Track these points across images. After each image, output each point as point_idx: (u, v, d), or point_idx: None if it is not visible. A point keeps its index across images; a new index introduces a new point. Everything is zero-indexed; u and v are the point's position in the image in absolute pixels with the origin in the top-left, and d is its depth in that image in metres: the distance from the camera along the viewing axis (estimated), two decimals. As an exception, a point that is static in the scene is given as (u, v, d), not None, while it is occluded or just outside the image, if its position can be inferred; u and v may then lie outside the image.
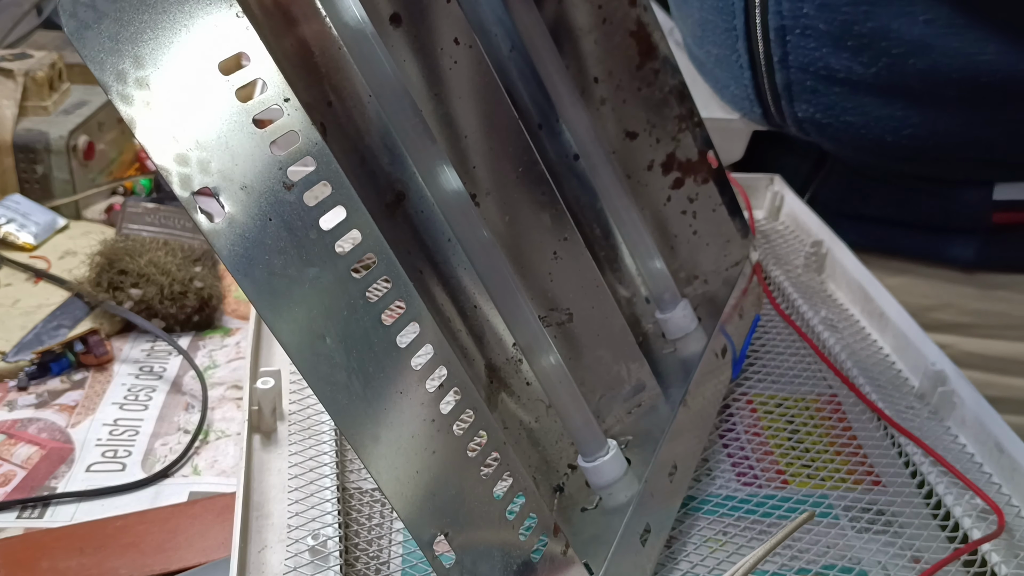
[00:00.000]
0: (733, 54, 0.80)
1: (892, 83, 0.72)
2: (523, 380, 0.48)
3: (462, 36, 0.45)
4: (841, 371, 0.62)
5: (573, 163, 0.56)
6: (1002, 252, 0.77)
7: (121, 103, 0.30)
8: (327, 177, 0.34)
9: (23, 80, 0.91)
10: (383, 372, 0.34)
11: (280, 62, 0.33)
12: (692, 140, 0.63)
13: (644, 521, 0.47)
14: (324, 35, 0.40)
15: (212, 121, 0.31)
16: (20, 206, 0.88)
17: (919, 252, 0.79)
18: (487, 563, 0.37)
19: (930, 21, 0.68)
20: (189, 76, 0.31)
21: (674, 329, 0.58)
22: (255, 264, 0.31)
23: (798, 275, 0.74)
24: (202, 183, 0.31)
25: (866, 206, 0.81)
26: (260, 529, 0.48)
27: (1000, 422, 0.55)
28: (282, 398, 0.56)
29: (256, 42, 0.32)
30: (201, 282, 0.78)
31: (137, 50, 0.30)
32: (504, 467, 0.38)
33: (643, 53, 0.60)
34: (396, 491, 0.34)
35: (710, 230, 0.64)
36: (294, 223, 0.32)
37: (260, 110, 0.32)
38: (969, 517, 0.50)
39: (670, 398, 0.52)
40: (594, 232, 0.58)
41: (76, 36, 0.29)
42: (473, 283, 0.45)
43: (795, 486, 0.55)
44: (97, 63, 0.29)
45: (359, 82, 0.41)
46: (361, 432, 0.33)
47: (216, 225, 0.31)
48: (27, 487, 0.62)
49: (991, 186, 0.75)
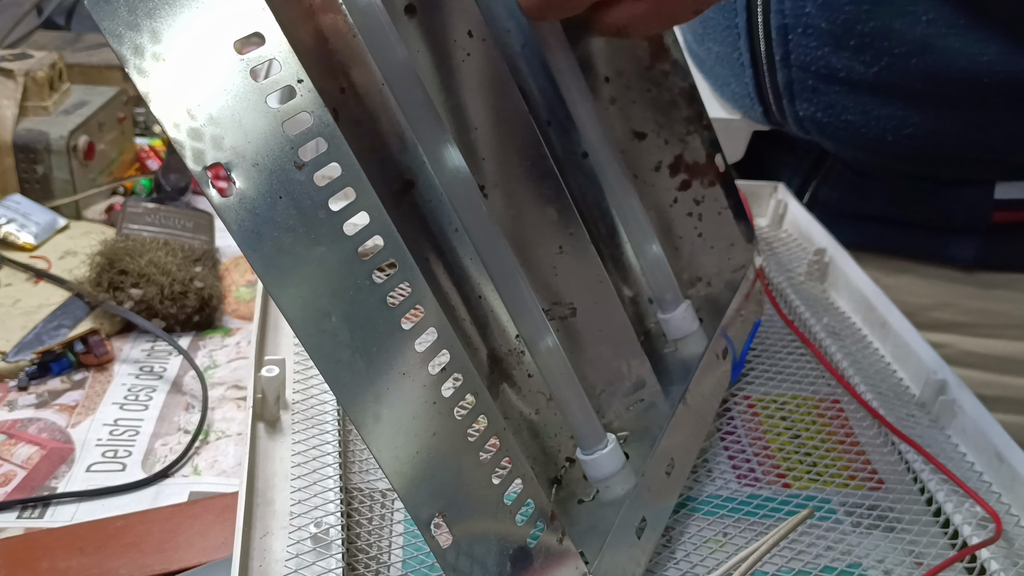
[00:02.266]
0: (734, 52, 0.80)
1: (893, 83, 0.72)
2: (525, 372, 0.48)
3: (476, 29, 0.45)
4: (843, 377, 0.62)
5: (581, 160, 0.56)
6: (1002, 251, 0.77)
7: (137, 76, 0.30)
8: (338, 159, 0.34)
9: (23, 80, 0.91)
10: (386, 352, 0.34)
11: (295, 47, 0.33)
12: (700, 143, 0.63)
13: (640, 514, 0.47)
14: (339, 22, 0.40)
15: (226, 98, 0.32)
16: (20, 206, 0.88)
17: (919, 251, 0.79)
18: (483, 546, 0.37)
19: (932, 21, 0.69)
20: (205, 52, 0.31)
21: (675, 330, 0.58)
22: (264, 240, 0.32)
23: (801, 283, 0.74)
24: (215, 158, 0.31)
25: (866, 205, 0.81)
26: (263, 516, 0.48)
27: (1000, 431, 0.55)
28: (286, 387, 0.56)
29: (272, 22, 0.33)
30: (201, 282, 0.78)
31: (154, 24, 0.30)
32: (503, 453, 0.39)
33: (654, 54, 0.61)
34: (396, 470, 0.34)
35: (715, 233, 0.65)
36: (303, 202, 0.33)
37: (274, 90, 0.33)
38: (969, 525, 0.50)
39: (670, 396, 0.53)
40: (599, 230, 0.58)
41: (95, 7, 0.29)
42: (478, 273, 0.45)
43: (796, 487, 0.55)
44: (115, 35, 0.30)
45: (372, 70, 0.41)
46: (363, 410, 0.34)
47: (227, 200, 0.31)
48: (27, 487, 0.62)
49: (991, 185, 0.75)
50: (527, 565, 0.39)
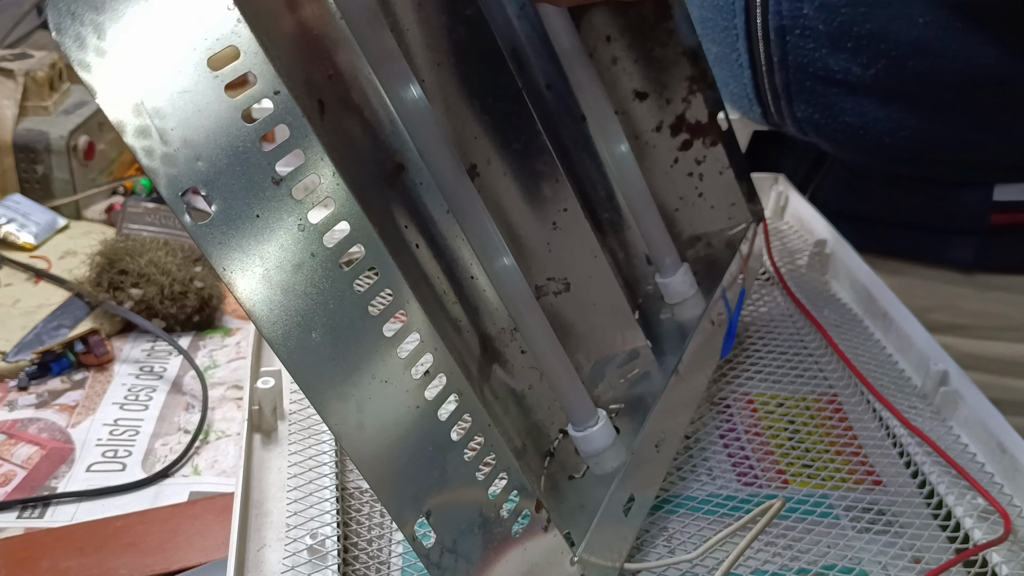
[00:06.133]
0: (733, 53, 0.80)
1: (890, 85, 0.72)
2: (518, 348, 0.48)
3: (465, 4, 0.45)
4: (843, 356, 0.62)
5: (580, 124, 0.56)
6: (1001, 253, 0.76)
7: (100, 99, 0.29)
8: (318, 172, 0.33)
9: (23, 80, 0.91)
10: (368, 360, 0.34)
11: (277, 38, 0.32)
12: (703, 102, 0.63)
13: (629, 492, 0.47)
14: (323, 7, 0.40)
15: (201, 119, 0.30)
16: (20, 206, 0.88)
17: (917, 253, 0.79)
18: (467, 541, 0.37)
19: (928, 23, 0.68)
20: (177, 71, 0.30)
21: (673, 293, 0.58)
22: (243, 261, 0.31)
23: (802, 275, 0.74)
24: (190, 183, 0.30)
25: (865, 206, 0.81)
26: (259, 527, 0.48)
27: (1003, 422, 0.54)
28: (283, 398, 0.56)
29: (248, 35, 0.31)
30: (201, 282, 0.78)
31: (110, 34, 0.29)
32: (488, 449, 0.39)
33: (658, 12, 0.60)
34: (374, 471, 0.34)
35: (716, 193, 0.64)
36: (283, 217, 0.32)
37: (233, 77, 0.31)
38: (971, 517, 0.50)
39: (663, 365, 0.53)
40: (598, 194, 0.58)
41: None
42: (469, 254, 0.45)
43: (796, 486, 0.54)
44: (85, 67, 0.28)
45: (358, 55, 0.41)
46: (345, 420, 0.33)
47: (203, 225, 0.30)
48: (27, 487, 0.62)
49: (990, 187, 0.75)
50: (513, 556, 0.39)
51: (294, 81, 0.36)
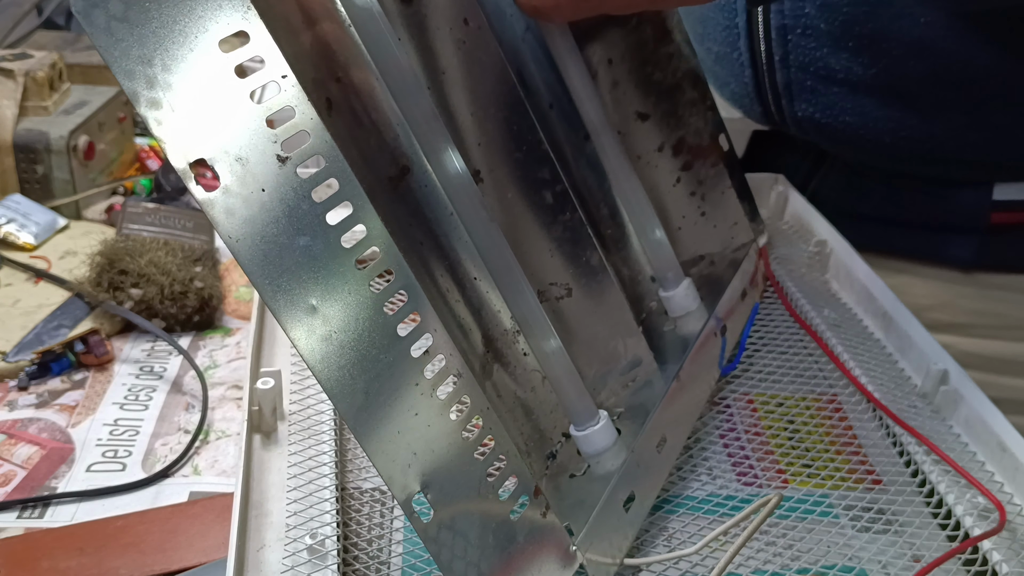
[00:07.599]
0: (734, 52, 0.80)
1: (891, 84, 0.72)
2: (520, 351, 0.48)
3: (472, 17, 0.45)
4: (844, 367, 0.62)
5: (583, 143, 0.56)
6: (1001, 252, 0.76)
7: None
8: (322, 151, 0.35)
9: (23, 80, 0.91)
10: (372, 340, 0.35)
11: (287, 41, 0.33)
12: (703, 124, 0.63)
13: (629, 489, 0.48)
14: (332, 13, 0.40)
15: (213, 99, 0.32)
16: (20, 206, 0.88)
17: (917, 252, 0.79)
18: (465, 520, 0.38)
19: (930, 23, 0.68)
20: (192, 55, 0.32)
21: (676, 307, 0.59)
22: (251, 230, 0.32)
23: (802, 274, 0.74)
24: (199, 154, 0.32)
25: (865, 205, 0.81)
26: (259, 528, 0.48)
27: (1003, 421, 0.55)
28: (282, 398, 0.56)
29: (255, 17, 0.33)
30: (201, 282, 0.78)
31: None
32: (487, 431, 0.39)
33: (657, 38, 0.60)
34: (376, 448, 0.35)
35: (718, 212, 0.65)
36: (287, 193, 0.33)
37: (257, 86, 0.33)
38: (970, 516, 0.50)
39: (665, 373, 0.53)
40: (601, 211, 0.58)
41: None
42: (472, 257, 0.46)
43: (795, 485, 0.54)
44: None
45: (366, 60, 0.41)
46: (344, 390, 0.34)
47: (212, 195, 0.32)
48: (27, 487, 0.62)
49: (989, 186, 0.75)
50: (510, 538, 0.40)
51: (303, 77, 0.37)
